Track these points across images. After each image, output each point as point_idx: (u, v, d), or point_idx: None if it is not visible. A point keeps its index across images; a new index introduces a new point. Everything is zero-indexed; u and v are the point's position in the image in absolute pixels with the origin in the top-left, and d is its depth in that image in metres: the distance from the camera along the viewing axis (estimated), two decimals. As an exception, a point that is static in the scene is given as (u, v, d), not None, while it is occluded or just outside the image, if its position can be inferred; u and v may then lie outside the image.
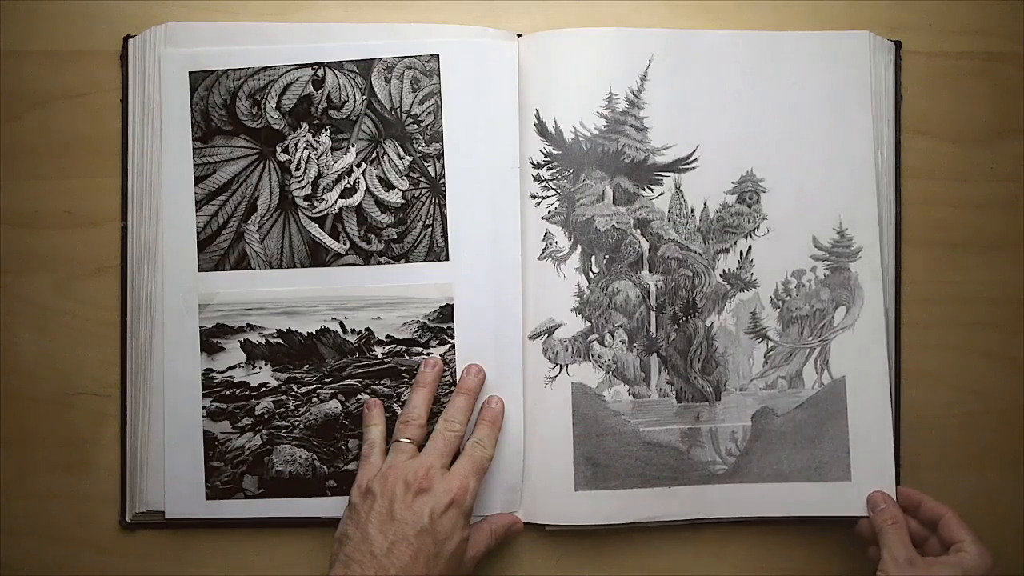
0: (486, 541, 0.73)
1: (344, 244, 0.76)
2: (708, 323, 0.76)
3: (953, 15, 0.78)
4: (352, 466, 0.75)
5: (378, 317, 0.76)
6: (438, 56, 0.75)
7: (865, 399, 0.76)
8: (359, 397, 0.76)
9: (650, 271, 0.76)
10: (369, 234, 0.76)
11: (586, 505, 0.75)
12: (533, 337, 0.76)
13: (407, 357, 0.76)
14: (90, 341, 0.77)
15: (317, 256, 0.76)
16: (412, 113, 0.75)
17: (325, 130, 0.76)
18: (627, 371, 0.76)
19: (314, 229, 0.76)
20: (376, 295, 0.76)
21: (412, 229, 0.76)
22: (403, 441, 0.71)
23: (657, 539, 0.77)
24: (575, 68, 0.76)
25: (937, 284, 0.78)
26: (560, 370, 0.76)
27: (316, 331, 0.76)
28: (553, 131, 0.76)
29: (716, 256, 0.77)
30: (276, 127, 0.76)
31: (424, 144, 0.75)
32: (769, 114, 0.76)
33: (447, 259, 0.75)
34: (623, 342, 0.76)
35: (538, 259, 0.76)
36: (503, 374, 0.75)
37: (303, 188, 0.76)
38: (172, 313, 0.75)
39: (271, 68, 0.75)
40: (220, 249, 0.76)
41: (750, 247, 0.77)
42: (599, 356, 0.76)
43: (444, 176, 0.75)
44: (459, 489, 0.69)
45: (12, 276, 0.77)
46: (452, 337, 0.75)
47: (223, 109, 0.75)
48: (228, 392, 0.76)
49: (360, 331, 0.76)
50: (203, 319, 0.76)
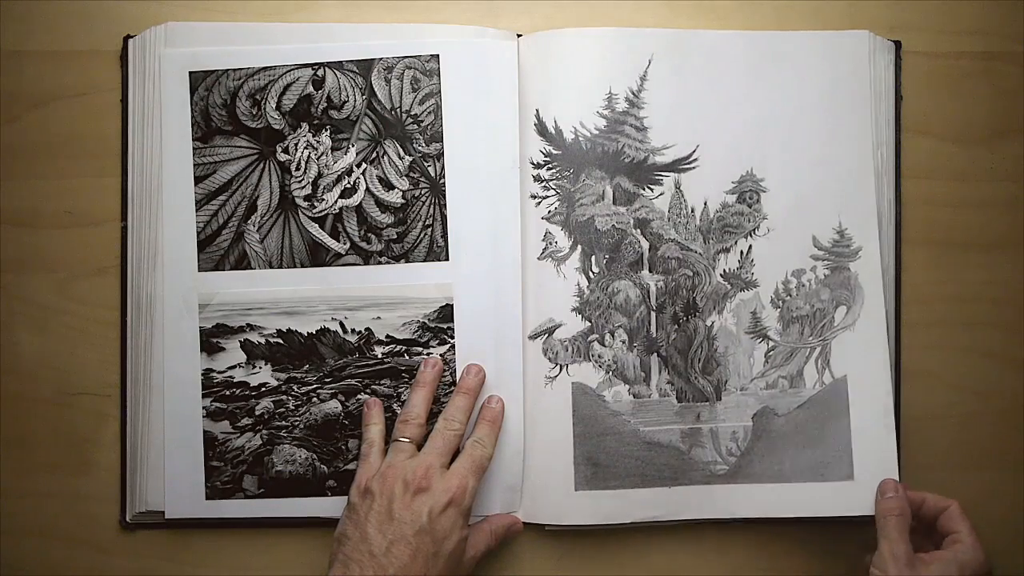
0: (486, 541, 0.73)
1: (344, 244, 0.76)
2: (708, 323, 0.76)
3: (953, 15, 0.78)
4: (352, 466, 0.75)
5: (378, 317, 0.76)
6: (438, 56, 0.75)
7: (867, 398, 0.75)
8: (359, 397, 0.76)
9: (650, 271, 0.76)
10: (369, 234, 0.76)
11: (586, 505, 0.75)
12: (533, 337, 0.76)
13: (407, 357, 0.76)
14: (90, 341, 0.77)
15: (317, 256, 0.76)
16: (412, 113, 0.75)
17: (325, 130, 0.76)
18: (627, 371, 0.76)
19: (314, 229, 0.76)
20: (376, 295, 0.76)
21: (412, 229, 0.76)
22: (402, 440, 0.71)
23: (658, 539, 0.77)
24: (575, 68, 0.75)
25: (937, 284, 0.78)
26: (560, 370, 0.76)
27: (316, 331, 0.76)
28: (553, 131, 0.76)
29: (716, 256, 0.77)
30: (276, 127, 0.76)
31: (424, 144, 0.75)
32: (769, 114, 0.76)
33: (447, 259, 0.75)
34: (623, 342, 0.76)
35: (538, 259, 0.76)
36: (503, 374, 0.75)
37: (303, 188, 0.76)
38: (172, 313, 0.75)
39: (271, 68, 0.75)
40: (220, 249, 0.76)
41: (750, 247, 0.77)
42: (599, 356, 0.76)
43: (444, 176, 0.75)
44: (458, 488, 0.69)
45: (12, 276, 0.77)
46: (452, 337, 0.75)
47: (223, 109, 0.75)
48: (228, 392, 0.76)
49: (360, 331, 0.76)
50: (203, 319, 0.75)
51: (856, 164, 0.76)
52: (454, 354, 0.75)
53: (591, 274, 0.76)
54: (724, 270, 0.77)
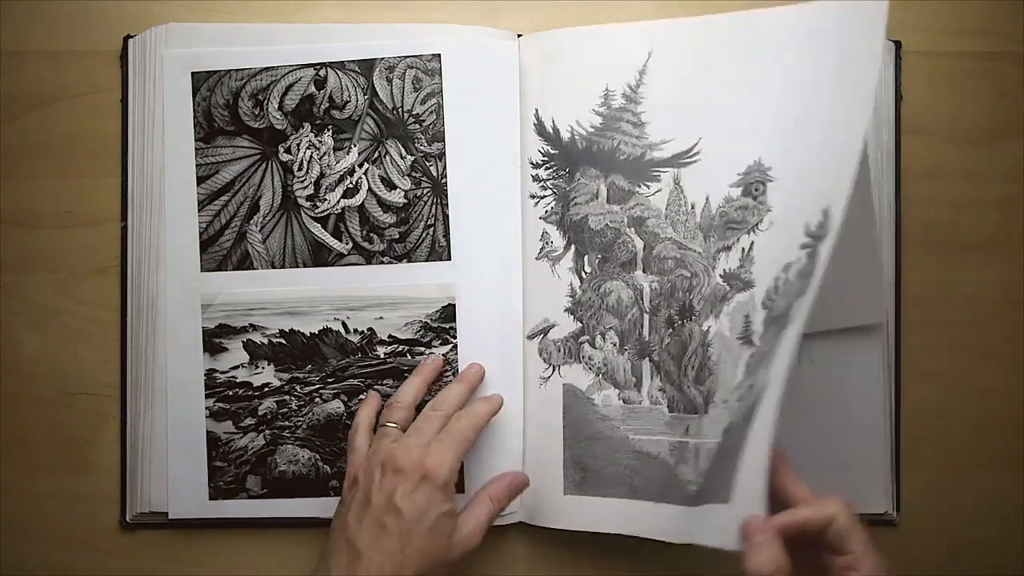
0: (487, 509, 0.70)
1: (346, 244, 0.76)
2: (704, 327, 0.72)
3: (953, 15, 0.78)
4: (354, 466, 0.75)
5: (380, 317, 0.76)
6: (440, 56, 0.75)
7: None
8: (361, 397, 0.75)
9: (644, 271, 0.74)
10: (371, 234, 0.76)
11: (575, 510, 0.73)
12: (531, 337, 0.75)
13: (409, 357, 0.76)
14: (90, 341, 0.77)
15: (319, 256, 0.76)
16: (414, 113, 0.75)
17: (327, 130, 0.75)
18: (617, 375, 0.74)
19: (316, 229, 0.76)
20: (378, 295, 0.76)
21: (414, 229, 0.76)
22: (388, 425, 0.70)
23: (651, 543, 0.77)
24: (573, 67, 0.75)
25: (937, 284, 0.78)
26: (553, 371, 0.75)
27: (319, 331, 0.76)
28: (551, 130, 0.75)
29: (717, 255, 0.73)
30: (278, 127, 0.75)
31: (426, 144, 0.75)
32: (774, 100, 0.71)
33: (449, 259, 0.75)
34: (614, 344, 0.74)
35: (536, 259, 0.75)
36: (505, 374, 0.75)
37: (305, 188, 0.76)
38: (174, 313, 0.75)
39: (273, 68, 0.75)
40: (222, 249, 0.75)
41: (752, 243, 0.72)
42: (589, 358, 0.74)
43: (446, 176, 0.75)
44: (432, 464, 0.66)
45: (12, 276, 0.77)
46: (454, 337, 0.75)
47: (225, 109, 0.75)
48: (231, 392, 0.76)
49: (362, 331, 0.76)
50: (205, 319, 0.75)
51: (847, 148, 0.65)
52: (456, 354, 0.75)
53: (583, 274, 0.75)
54: (724, 270, 0.73)
